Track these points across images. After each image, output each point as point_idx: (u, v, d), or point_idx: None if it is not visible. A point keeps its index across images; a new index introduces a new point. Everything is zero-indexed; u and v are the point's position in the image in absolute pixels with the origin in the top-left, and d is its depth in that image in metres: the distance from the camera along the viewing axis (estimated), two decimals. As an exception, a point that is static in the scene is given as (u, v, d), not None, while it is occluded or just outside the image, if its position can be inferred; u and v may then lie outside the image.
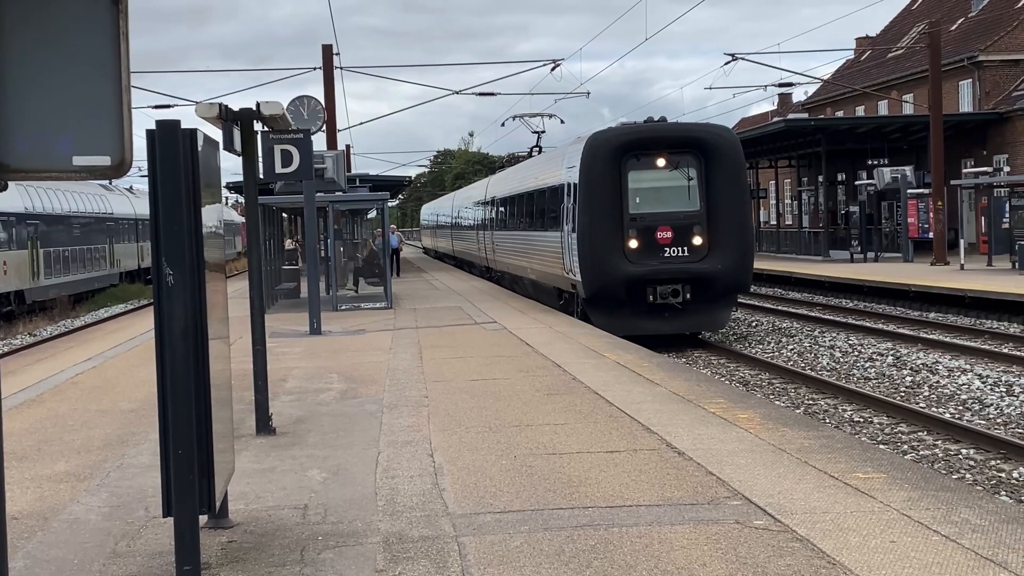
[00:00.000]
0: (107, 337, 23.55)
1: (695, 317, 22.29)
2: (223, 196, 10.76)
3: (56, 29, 3.64)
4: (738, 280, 22.52)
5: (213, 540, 7.13)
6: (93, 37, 3.64)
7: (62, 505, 8.27)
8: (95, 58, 3.64)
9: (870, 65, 62.52)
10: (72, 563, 6.83)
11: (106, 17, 3.64)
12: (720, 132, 23.58)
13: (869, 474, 8.32)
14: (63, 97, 3.64)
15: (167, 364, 6.22)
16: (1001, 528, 6.82)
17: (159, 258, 6.18)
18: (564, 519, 7.31)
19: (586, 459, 9.12)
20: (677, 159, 22.34)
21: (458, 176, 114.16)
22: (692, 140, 22.57)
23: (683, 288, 21.72)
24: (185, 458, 6.20)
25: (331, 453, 9.83)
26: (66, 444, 10.73)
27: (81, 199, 47.00)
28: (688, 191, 22.29)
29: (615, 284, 21.81)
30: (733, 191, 22.26)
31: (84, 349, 20.85)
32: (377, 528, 7.30)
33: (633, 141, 22.60)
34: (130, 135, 3.69)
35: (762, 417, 10.84)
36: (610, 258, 21.85)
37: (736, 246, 22.13)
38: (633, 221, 22.10)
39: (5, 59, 3.63)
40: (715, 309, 22.53)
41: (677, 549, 6.58)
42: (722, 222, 22.03)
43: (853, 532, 6.81)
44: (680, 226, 22.03)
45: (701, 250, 22.02)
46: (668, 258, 21.97)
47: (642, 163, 22.38)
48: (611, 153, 22.31)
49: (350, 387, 13.90)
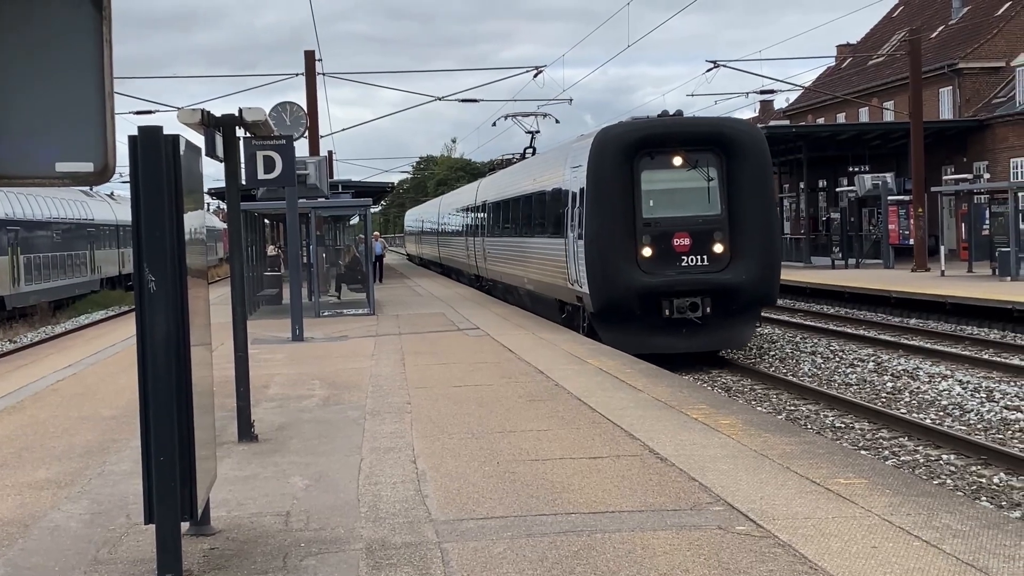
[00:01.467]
0: (88, 344, 23.45)
1: (716, 333, 20.01)
2: (205, 202, 10.75)
3: (39, 36, 3.64)
4: (764, 292, 20.26)
5: (195, 547, 7.10)
6: (76, 43, 3.64)
7: (43, 512, 8.23)
8: (78, 64, 3.63)
9: (851, 72, 62.79)
10: (53, 570, 6.80)
11: (89, 24, 3.63)
12: (744, 127, 21.46)
13: (851, 479, 8.34)
14: (46, 103, 3.63)
15: (149, 371, 6.21)
16: (982, 533, 6.85)
17: (141, 264, 6.17)
18: (547, 525, 7.30)
19: (569, 465, 9.12)
20: (696, 157, 20.10)
21: (440, 182, 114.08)
22: (712, 136, 20.30)
23: (703, 301, 19.52)
24: (167, 465, 6.19)
25: (313, 460, 9.80)
26: (47, 451, 10.68)
27: (62, 205, 46.85)
28: (708, 193, 20.14)
29: (627, 297, 19.65)
30: (758, 193, 20.12)
31: (65, 356, 20.77)
32: (360, 535, 7.28)
33: (647, 137, 20.28)
34: (113, 141, 3.68)
35: (744, 423, 10.85)
36: (621, 268, 19.67)
37: (761, 254, 19.93)
38: (647, 227, 19.92)
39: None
40: (738, 324, 20.26)
41: (660, 555, 6.59)
42: (746, 228, 19.89)
43: (835, 537, 6.83)
44: (699, 232, 19.92)
45: (722, 259, 19.88)
46: (686, 268, 19.81)
47: (657, 162, 20.19)
48: (622, 151, 20.05)
49: (332, 393, 13.87)
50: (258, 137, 13.18)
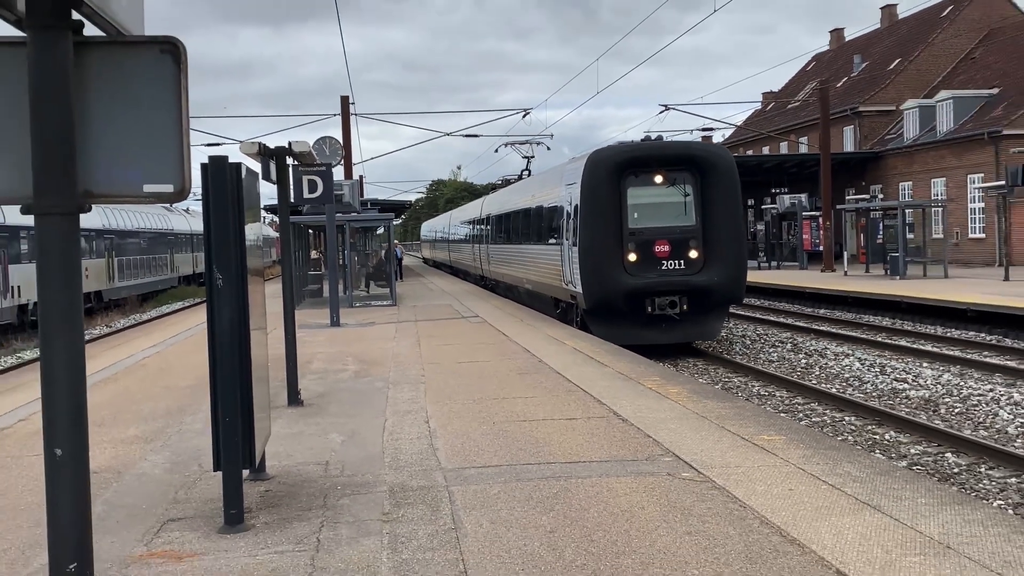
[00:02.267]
0: (168, 329, 23.40)
1: (691, 328, 18.96)
2: (262, 216, 10.72)
3: (131, 84, 3.64)
4: (732, 292, 19.16)
5: (253, 489, 7.11)
6: (160, 90, 3.64)
7: (132, 462, 8.24)
8: (161, 106, 3.63)
9: (774, 114, 62.77)
10: (141, 508, 6.80)
11: (169, 74, 3.63)
12: (715, 150, 19.96)
13: (772, 436, 8.36)
14: (137, 137, 3.63)
15: (217, 350, 6.21)
16: (876, 479, 6.88)
17: (211, 265, 6.17)
18: (532, 472, 7.32)
19: (550, 424, 9.13)
20: (674, 176, 19.08)
21: (448, 200, 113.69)
22: (688, 157, 19.12)
23: (680, 300, 18.56)
24: (231, 425, 6.19)
25: (347, 420, 9.81)
26: (135, 413, 10.68)
27: (147, 218, 46.69)
28: (685, 207, 19.04)
29: (615, 296, 18.57)
30: (727, 207, 18.86)
31: (149, 338, 20.72)
32: (384, 480, 7.29)
33: (632, 159, 19.15)
34: (189, 167, 3.68)
35: (688, 392, 10.87)
36: (611, 271, 18.59)
37: (730, 260, 18.78)
38: (632, 235, 18.86)
39: (89, 108, 3.62)
40: (710, 320, 19.15)
41: (621, 495, 6.60)
42: (717, 236, 18.75)
43: (760, 482, 6.85)
44: (677, 240, 18.82)
45: (697, 263, 18.77)
46: (666, 271, 18.72)
47: (640, 179, 19.10)
48: (611, 170, 18.95)
49: (362, 368, 13.87)
50: (304, 164, 13.16)
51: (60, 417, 3.49)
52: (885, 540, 5.55)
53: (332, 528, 6.14)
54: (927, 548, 5.40)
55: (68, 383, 3.49)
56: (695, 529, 5.84)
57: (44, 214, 3.45)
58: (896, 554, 5.32)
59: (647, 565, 5.26)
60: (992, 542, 5.48)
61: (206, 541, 5.99)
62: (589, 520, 6.06)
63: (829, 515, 6.03)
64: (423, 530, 6.00)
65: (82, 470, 3.54)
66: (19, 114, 3.53)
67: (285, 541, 5.92)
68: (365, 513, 6.42)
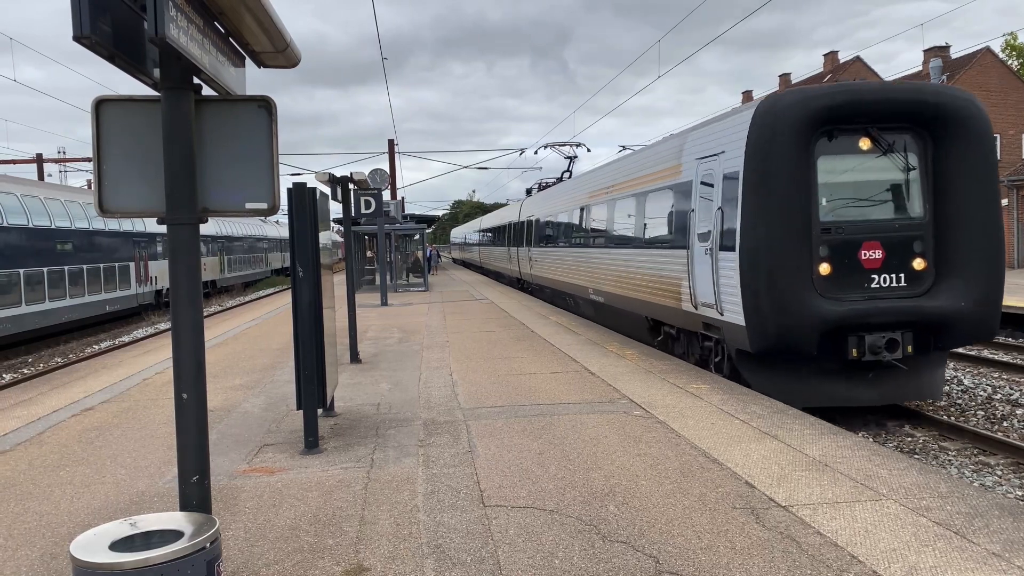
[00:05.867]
0: (264, 307, 23.37)
1: (907, 380, 8.75)
2: (331, 225, 10.71)
3: (235, 130, 3.64)
4: (982, 323, 8.53)
5: (325, 423, 7.13)
6: (257, 134, 3.64)
7: (237, 404, 8.25)
8: (258, 146, 3.64)
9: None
10: (244, 436, 6.82)
11: (264, 122, 3.64)
12: (960, 95, 8.55)
13: (699, 385, 8.37)
14: (241, 168, 3.64)
15: (298, 322, 6.22)
16: (774, 417, 6.89)
17: (294, 262, 6.17)
18: (526, 411, 7.32)
19: (539, 377, 9.12)
20: (892, 139, 8.60)
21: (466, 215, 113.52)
22: (917, 106, 8.44)
23: (903, 337, 8.36)
24: (309, 376, 6.20)
25: (393, 373, 9.82)
26: (240, 368, 10.69)
27: (248, 226, 46.61)
28: (906, 188, 8.68)
29: (802, 332, 8.21)
30: (978, 187, 8.49)
31: (250, 314, 20.71)
32: (419, 416, 7.30)
33: (829, 109, 8.32)
34: (278, 191, 3.69)
35: (639, 354, 10.86)
36: (795, 290, 8.24)
37: (981, 272, 8.49)
38: (826, 234, 8.45)
39: (206, 148, 3.63)
40: (932, 365, 8.87)
41: (590, 427, 6.62)
42: (959, 235, 8.52)
43: (690, 418, 6.87)
44: (895, 242, 8.54)
45: (925, 278, 8.56)
46: (878, 290, 8.48)
47: (838, 144, 8.56)
48: (795, 128, 8.31)
49: (404, 336, 13.87)
50: (361, 189, 13.14)
51: (186, 371, 3.50)
52: (780, 459, 5.57)
53: (382, 451, 6.15)
54: (811, 465, 5.42)
55: (191, 346, 3.51)
56: (644, 452, 5.86)
57: (174, 224, 3.46)
58: (788, 469, 5.34)
59: (609, 477, 5.28)
60: (858, 462, 5.50)
61: (291, 460, 6.01)
62: (567, 445, 6.06)
63: (740, 442, 6.05)
64: (448, 452, 6.01)
65: (202, 409, 3.55)
66: (156, 152, 3.54)
67: (348, 460, 5.94)
68: (406, 440, 6.42)
